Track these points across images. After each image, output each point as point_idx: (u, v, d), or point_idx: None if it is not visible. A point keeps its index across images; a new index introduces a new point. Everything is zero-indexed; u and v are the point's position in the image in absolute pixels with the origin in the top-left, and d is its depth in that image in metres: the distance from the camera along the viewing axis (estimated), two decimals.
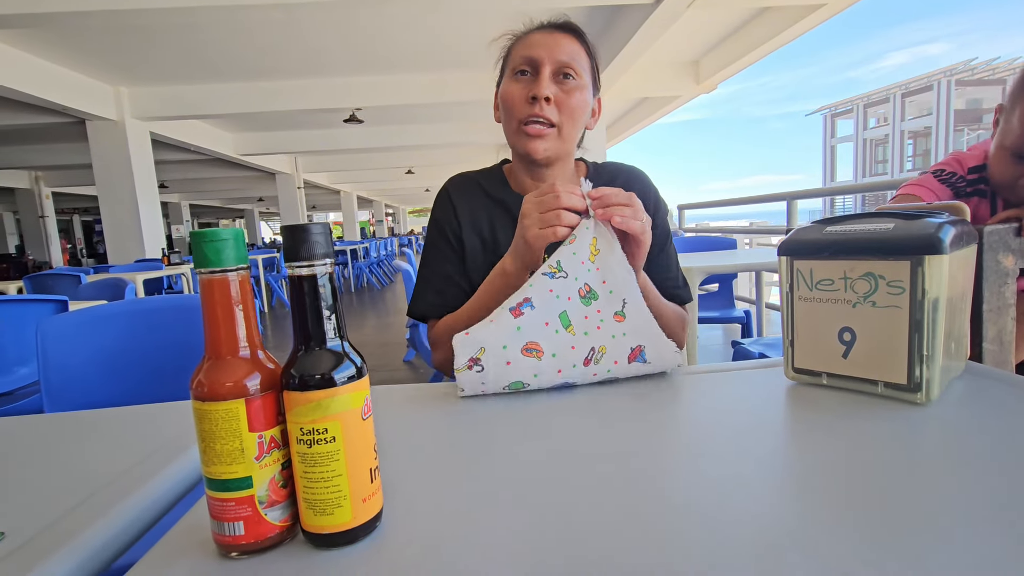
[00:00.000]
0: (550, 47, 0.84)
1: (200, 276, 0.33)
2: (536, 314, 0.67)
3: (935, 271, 0.52)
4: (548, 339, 0.67)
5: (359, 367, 0.35)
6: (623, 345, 0.68)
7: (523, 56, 0.85)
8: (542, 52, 0.84)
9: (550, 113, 0.84)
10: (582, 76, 0.86)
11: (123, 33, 4.44)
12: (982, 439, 0.47)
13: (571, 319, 0.69)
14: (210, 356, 0.34)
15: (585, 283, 0.69)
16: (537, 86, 0.83)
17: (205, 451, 0.33)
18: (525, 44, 0.87)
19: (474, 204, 0.94)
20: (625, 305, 0.70)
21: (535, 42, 0.86)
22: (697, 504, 0.37)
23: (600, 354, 0.67)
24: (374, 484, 0.36)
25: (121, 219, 6.10)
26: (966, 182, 0.96)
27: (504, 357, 0.65)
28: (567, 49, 0.85)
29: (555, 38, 0.85)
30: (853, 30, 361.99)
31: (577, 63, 0.85)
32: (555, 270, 0.68)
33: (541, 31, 0.87)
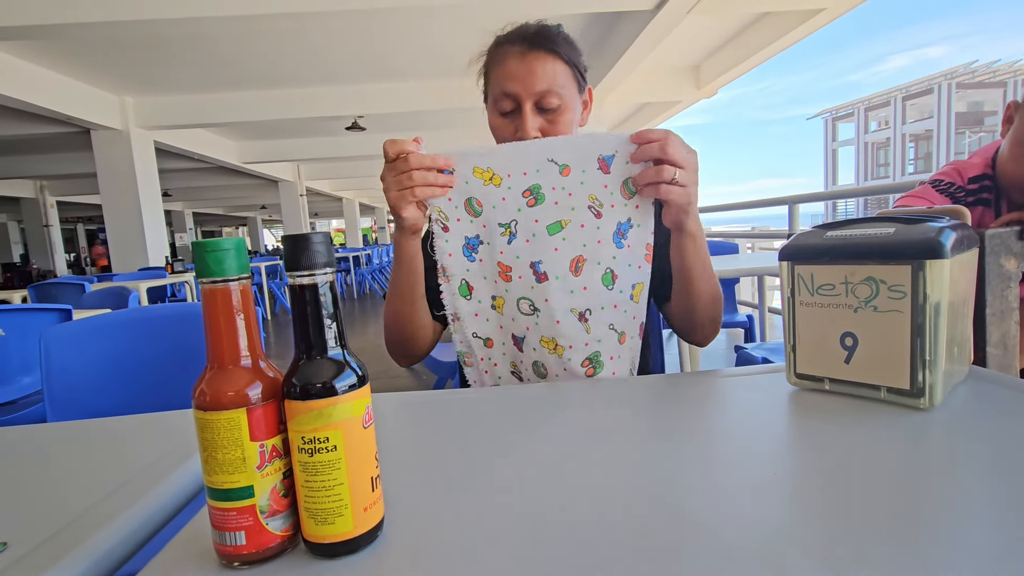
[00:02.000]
0: (526, 80, 0.81)
1: (202, 286, 0.33)
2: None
3: (936, 275, 0.51)
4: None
5: (360, 375, 0.35)
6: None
7: (502, 91, 0.83)
8: (519, 87, 0.81)
9: None
10: (564, 96, 0.83)
11: (128, 43, 4.48)
12: (986, 444, 0.46)
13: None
14: (212, 365, 0.34)
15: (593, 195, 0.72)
16: (523, 128, 0.82)
17: (207, 460, 0.33)
18: (502, 75, 0.83)
19: None
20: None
21: (511, 74, 0.82)
22: (701, 511, 0.37)
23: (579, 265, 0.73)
24: (375, 493, 0.36)
25: (125, 228, 6.13)
26: (966, 192, 0.94)
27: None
28: (543, 76, 0.81)
29: (528, 64, 0.81)
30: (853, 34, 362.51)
31: (556, 84, 0.81)
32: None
33: (514, 58, 0.82)
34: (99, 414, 0.70)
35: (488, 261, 0.76)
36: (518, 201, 0.74)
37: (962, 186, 0.95)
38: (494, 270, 0.75)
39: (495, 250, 0.75)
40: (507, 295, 0.76)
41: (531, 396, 0.66)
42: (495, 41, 0.87)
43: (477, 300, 0.77)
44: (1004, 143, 0.90)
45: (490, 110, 0.88)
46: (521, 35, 0.83)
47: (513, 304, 0.76)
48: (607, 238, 0.72)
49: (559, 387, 0.69)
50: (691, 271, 0.77)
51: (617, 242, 0.73)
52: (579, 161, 0.72)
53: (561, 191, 0.72)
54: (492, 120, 0.88)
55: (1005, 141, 0.90)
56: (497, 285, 0.76)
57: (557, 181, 0.72)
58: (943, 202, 0.93)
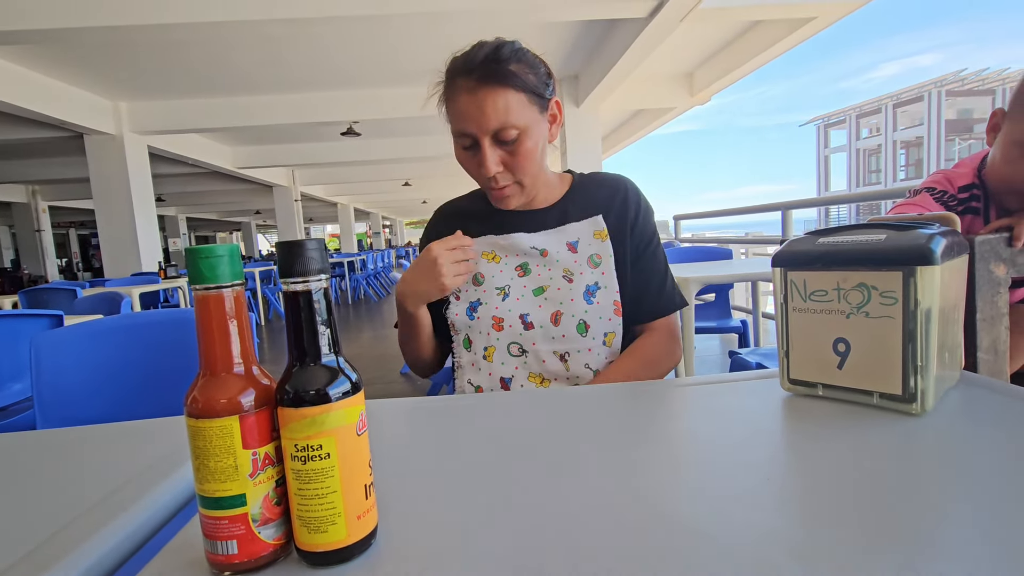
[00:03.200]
0: (478, 119, 0.81)
1: (195, 292, 0.33)
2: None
3: (927, 281, 0.52)
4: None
5: (354, 382, 0.35)
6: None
7: (459, 129, 0.85)
8: (473, 127, 0.82)
9: (504, 180, 0.88)
10: (521, 125, 0.82)
11: (122, 49, 4.47)
12: (978, 450, 0.47)
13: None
14: (205, 372, 0.34)
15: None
16: (484, 166, 0.85)
17: (199, 468, 0.33)
18: (456, 113, 0.84)
19: (462, 227, 0.97)
20: None
21: (464, 114, 0.83)
22: (695, 518, 0.37)
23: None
24: (369, 501, 0.35)
25: (118, 233, 6.10)
26: (957, 201, 0.95)
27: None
28: (495, 113, 0.81)
29: (479, 102, 0.81)
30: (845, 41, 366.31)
31: (511, 119, 0.81)
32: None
33: (465, 94, 0.82)
34: (90, 421, 0.69)
35: (484, 318, 0.91)
36: (511, 273, 0.93)
37: (953, 195, 0.96)
38: (488, 323, 0.90)
39: (491, 308, 0.91)
40: (498, 343, 0.90)
41: (525, 402, 0.66)
42: (447, 69, 0.86)
43: (474, 352, 0.92)
44: (994, 148, 0.91)
45: (455, 142, 0.89)
46: (469, 67, 0.82)
47: (504, 350, 0.90)
48: (578, 297, 0.89)
49: (554, 393, 0.69)
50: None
51: (587, 300, 0.89)
52: (554, 247, 0.92)
53: (543, 267, 0.92)
54: (456, 152, 0.91)
55: (995, 146, 0.90)
56: (490, 337, 0.91)
57: (540, 260, 0.93)
58: (939, 210, 0.94)
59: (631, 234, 0.94)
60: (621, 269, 0.92)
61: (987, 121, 0.92)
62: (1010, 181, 0.88)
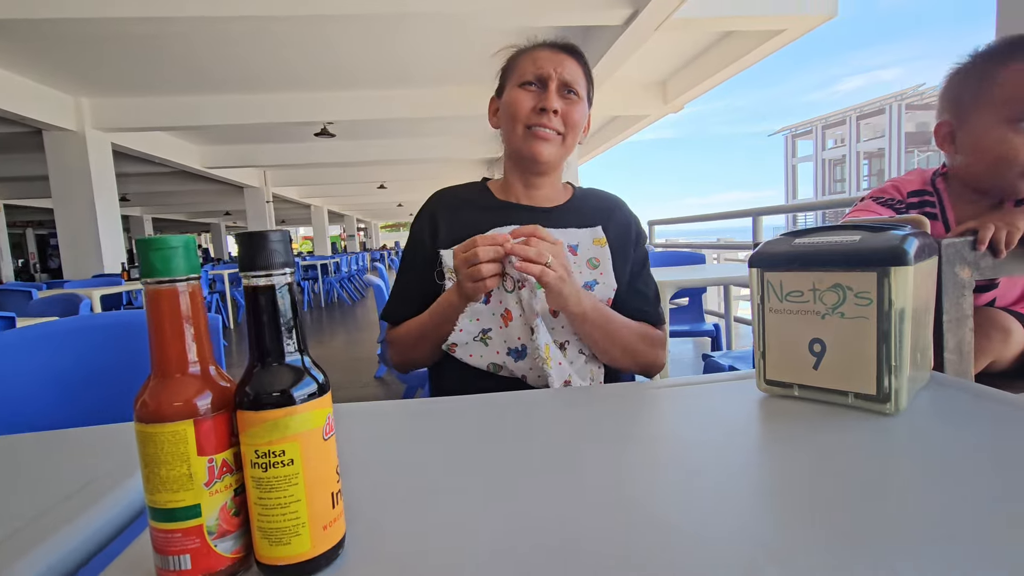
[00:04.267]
0: (557, 65, 0.91)
1: (146, 287, 0.31)
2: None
3: (901, 282, 0.52)
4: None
5: (321, 383, 0.33)
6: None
7: (532, 70, 0.91)
8: (550, 68, 0.90)
9: (556, 124, 0.91)
10: (581, 94, 0.93)
11: (84, 42, 4.31)
12: (950, 449, 0.47)
13: None
14: (157, 374, 0.31)
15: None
16: (547, 99, 0.90)
17: (148, 478, 0.30)
18: (532, 59, 0.92)
19: (459, 215, 0.97)
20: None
21: (543, 58, 0.91)
22: (672, 520, 0.36)
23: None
24: (336, 509, 0.33)
25: (78, 233, 5.87)
26: (907, 205, 0.98)
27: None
28: (571, 68, 0.92)
29: (560, 57, 0.92)
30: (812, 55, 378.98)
31: (578, 83, 0.92)
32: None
33: (548, 48, 0.93)
34: (44, 428, 0.65)
35: (494, 304, 0.87)
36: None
37: (902, 199, 0.98)
38: (500, 312, 0.86)
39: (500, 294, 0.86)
40: (503, 332, 0.86)
41: (500, 405, 0.65)
42: (525, 45, 0.96)
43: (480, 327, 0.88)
44: (960, 153, 0.91)
45: (510, 88, 0.94)
46: (552, 42, 0.95)
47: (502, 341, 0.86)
48: None
49: (527, 396, 0.68)
50: (593, 343, 0.88)
51: None
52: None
53: None
54: (512, 95, 0.93)
55: (962, 151, 0.91)
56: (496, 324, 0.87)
57: None
58: (887, 214, 0.96)
59: (633, 251, 0.99)
60: (619, 278, 0.94)
61: (935, 137, 0.94)
62: (994, 171, 0.87)
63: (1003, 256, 0.78)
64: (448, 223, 0.96)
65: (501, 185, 1.02)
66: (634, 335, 0.91)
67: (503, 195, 1.00)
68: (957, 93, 0.89)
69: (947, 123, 0.91)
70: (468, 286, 0.79)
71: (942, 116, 0.93)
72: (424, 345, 0.92)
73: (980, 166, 0.89)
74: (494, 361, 0.87)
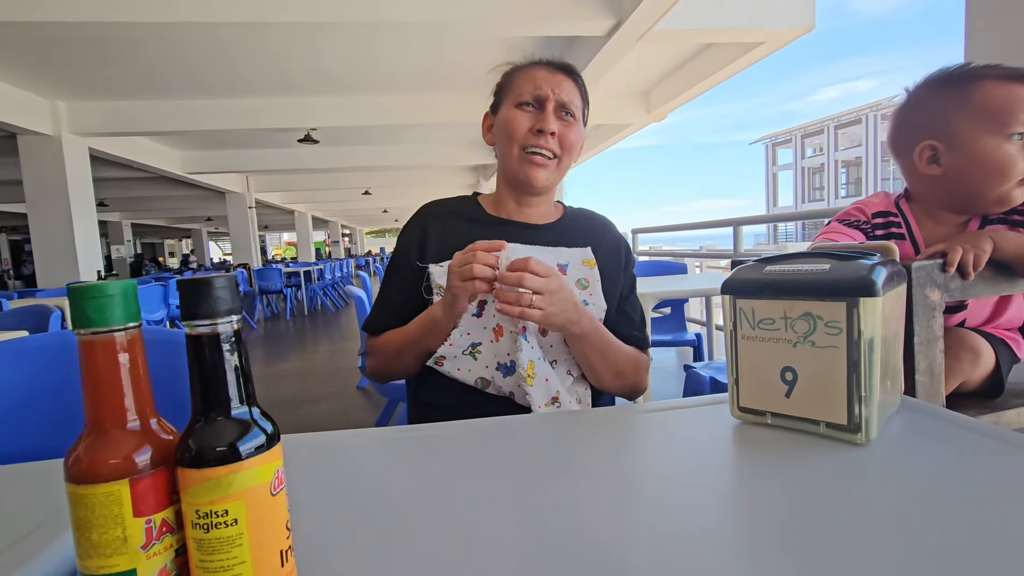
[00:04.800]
0: (555, 85, 0.91)
1: (80, 338, 0.29)
2: None
3: (869, 312, 0.52)
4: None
5: (269, 435, 0.32)
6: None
7: (529, 91, 0.91)
8: (547, 89, 0.90)
9: (553, 145, 0.91)
10: (577, 116, 0.93)
11: (61, 45, 4.22)
12: (921, 479, 0.47)
13: None
14: (91, 430, 0.30)
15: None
16: (544, 120, 0.89)
17: (80, 541, 0.29)
18: (530, 78, 0.92)
19: (450, 228, 0.96)
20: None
21: (541, 78, 0.91)
22: (646, 552, 0.36)
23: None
24: (286, 567, 0.32)
25: (53, 239, 5.72)
26: (872, 226, 0.99)
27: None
28: (568, 89, 0.92)
29: (558, 78, 0.92)
30: (790, 66, 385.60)
31: (575, 104, 0.93)
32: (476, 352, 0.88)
33: (545, 68, 0.93)
34: (11, 457, 0.62)
35: (487, 318, 0.87)
36: None
37: (867, 220, 1.00)
38: (492, 325, 0.86)
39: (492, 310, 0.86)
40: (493, 346, 0.86)
41: (469, 434, 0.63)
42: (522, 63, 0.96)
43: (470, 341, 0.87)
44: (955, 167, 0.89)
45: (507, 107, 0.93)
46: (550, 61, 0.95)
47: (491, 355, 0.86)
48: None
49: (497, 423, 0.67)
50: (587, 364, 0.88)
51: None
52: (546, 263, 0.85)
53: None
54: (508, 114, 0.92)
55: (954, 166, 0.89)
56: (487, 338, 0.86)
57: None
58: (854, 236, 0.97)
59: (623, 275, 0.99)
60: (608, 300, 0.94)
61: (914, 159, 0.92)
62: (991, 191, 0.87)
63: (971, 278, 0.79)
64: (438, 237, 0.95)
65: (493, 200, 1.01)
66: (625, 358, 0.91)
67: (495, 210, 0.99)
68: (937, 114, 0.89)
69: (930, 145, 0.90)
70: (456, 284, 0.78)
71: (918, 140, 0.91)
72: (404, 357, 0.91)
73: (977, 179, 0.88)
74: (482, 376, 0.86)
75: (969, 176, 0.88)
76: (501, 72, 0.98)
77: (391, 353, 0.93)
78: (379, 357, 0.95)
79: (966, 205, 0.93)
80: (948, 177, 0.90)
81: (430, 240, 0.95)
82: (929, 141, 0.90)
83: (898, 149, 0.97)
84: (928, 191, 0.95)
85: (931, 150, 0.90)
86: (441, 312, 0.84)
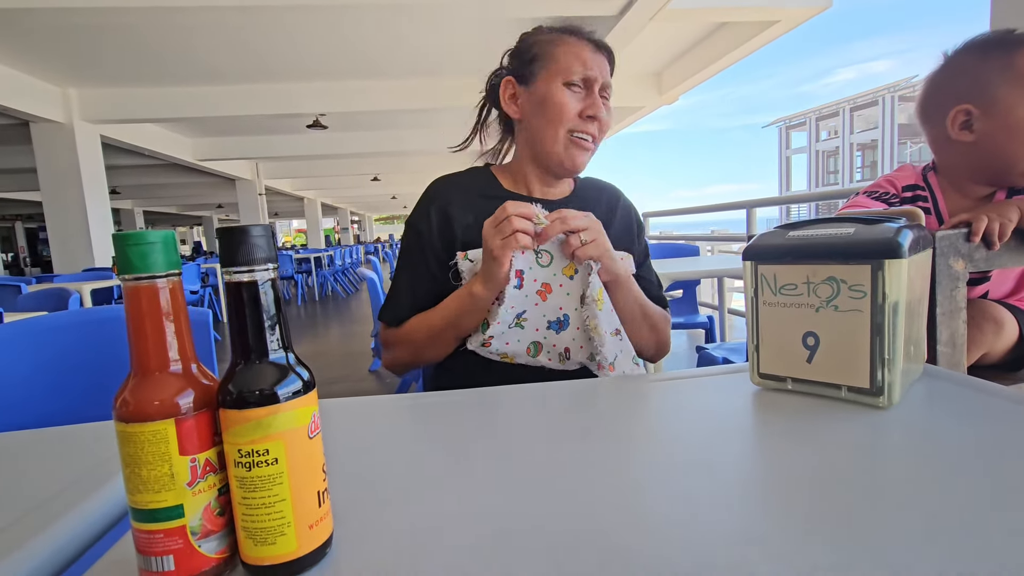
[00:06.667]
0: (601, 69, 0.89)
1: (124, 284, 0.30)
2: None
3: (895, 275, 0.52)
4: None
5: (306, 381, 0.32)
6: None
7: (579, 70, 0.87)
8: (597, 73, 0.88)
9: (594, 129, 0.90)
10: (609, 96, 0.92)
11: (72, 32, 4.23)
12: (944, 443, 0.47)
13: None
14: (136, 372, 0.31)
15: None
16: (595, 106, 0.88)
17: (129, 478, 0.30)
18: (576, 55, 0.88)
19: (464, 204, 0.92)
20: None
21: (590, 60, 0.88)
22: (665, 517, 0.36)
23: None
24: (322, 508, 0.33)
25: (68, 226, 5.80)
26: (901, 199, 0.97)
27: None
28: (606, 71, 0.91)
29: (600, 59, 0.90)
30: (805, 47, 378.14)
31: (610, 86, 0.91)
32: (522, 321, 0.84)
33: (590, 46, 0.90)
34: (33, 425, 0.64)
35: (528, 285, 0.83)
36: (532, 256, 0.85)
37: (896, 194, 0.98)
38: (535, 290, 0.83)
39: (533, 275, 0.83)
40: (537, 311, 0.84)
41: (491, 401, 0.64)
42: (556, 28, 0.92)
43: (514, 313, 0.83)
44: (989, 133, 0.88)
45: (552, 84, 0.88)
46: (589, 34, 0.92)
47: (540, 316, 0.84)
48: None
49: (518, 390, 0.68)
50: (629, 315, 0.87)
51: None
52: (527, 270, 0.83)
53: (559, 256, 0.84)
54: (555, 93, 0.87)
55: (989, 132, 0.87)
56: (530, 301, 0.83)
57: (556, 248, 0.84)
58: (880, 208, 0.95)
59: (636, 242, 1.00)
60: None
61: (947, 124, 0.90)
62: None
63: (996, 248, 0.78)
64: (455, 214, 0.90)
65: (511, 175, 0.97)
66: (654, 310, 0.92)
67: (512, 186, 0.95)
68: (976, 79, 0.87)
69: (964, 110, 0.88)
70: (497, 245, 0.76)
71: (952, 105, 0.89)
72: (439, 342, 0.86)
73: (1011, 147, 0.86)
74: (533, 340, 0.84)
75: (1003, 144, 0.86)
76: (533, 38, 0.92)
77: (422, 340, 0.88)
78: (406, 347, 0.90)
79: (995, 175, 0.91)
80: (980, 144, 0.88)
81: (446, 219, 0.90)
82: (965, 105, 0.88)
83: (929, 115, 0.95)
84: (957, 159, 0.93)
85: (965, 115, 0.88)
86: (482, 286, 0.80)
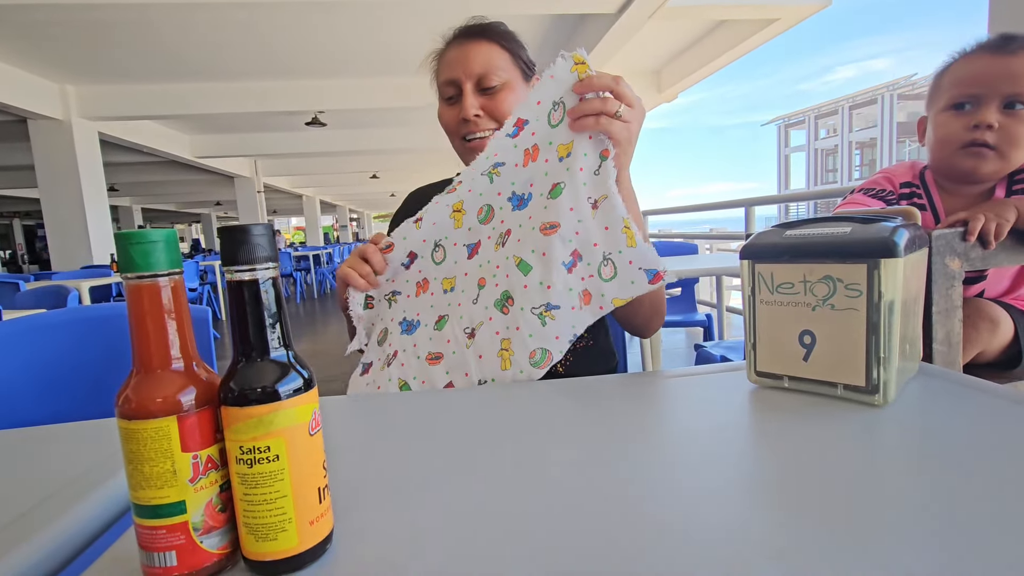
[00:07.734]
0: (464, 63, 0.85)
1: (127, 283, 0.30)
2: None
3: (890, 274, 0.52)
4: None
5: (306, 379, 0.33)
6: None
7: (444, 80, 0.88)
8: (458, 71, 0.85)
9: (484, 124, 0.87)
10: (504, 77, 0.85)
11: (70, 28, 4.22)
12: (939, 441, 0.47)
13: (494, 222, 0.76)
14: (139, 370, 0.31)
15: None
16: (463, 108, 0.85)
17: (132, 474, 0.30)
18: (443, 65, 0.89)
19: None
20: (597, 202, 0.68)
21: (450, 61, 0.87)
22: (663, 516, 0.36)
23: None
24: (323, 504, 0.33)
25: (66, 224, 5.79)
26: (898, 196, 0.98)
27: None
28: (479, 59, 0.85)
29: (465, 51, 0.86)
30: (804, 45, 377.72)
31: (494, 67, 0.85)
32: (496, 172, 0.73)
33: (453, 46, 0.88)
34: (32, 422, 0.64)
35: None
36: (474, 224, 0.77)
37: (893, 191, 0.98)
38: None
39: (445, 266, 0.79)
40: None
41: (486, 399, 0.65)
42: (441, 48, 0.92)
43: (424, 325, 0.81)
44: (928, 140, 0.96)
45: (439, 106, 0.91)
46: (460, 30, 0.89)
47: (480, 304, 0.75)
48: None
49: (515, 388, 0.68)
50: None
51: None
52: (532, 120, 0.69)
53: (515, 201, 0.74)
54: (440, 114, 0.91)
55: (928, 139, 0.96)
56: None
57: (515, 175, 0.72)
58: (877, 206, 0.96)
59: None
60: None
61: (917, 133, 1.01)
62: (946, 160, 0.93)
63: (993, 247, 0.79)
64: None
65: None
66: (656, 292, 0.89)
67: None
68: (930, 90, 0.97)
69: (923, 119, 0.98)
70: (343, 268, 0.81)
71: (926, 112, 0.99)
72: None
73: (934, 152, 0.95)
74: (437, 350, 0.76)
75: (932, 147, 0.96)
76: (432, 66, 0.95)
77: None
78: None
79: (955, 180, 0.97)
80: (929, 152, 0.96)
81: None
82: (924, 115, 0.97)
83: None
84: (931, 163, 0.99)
85: (923, 123, 1.00)
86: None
